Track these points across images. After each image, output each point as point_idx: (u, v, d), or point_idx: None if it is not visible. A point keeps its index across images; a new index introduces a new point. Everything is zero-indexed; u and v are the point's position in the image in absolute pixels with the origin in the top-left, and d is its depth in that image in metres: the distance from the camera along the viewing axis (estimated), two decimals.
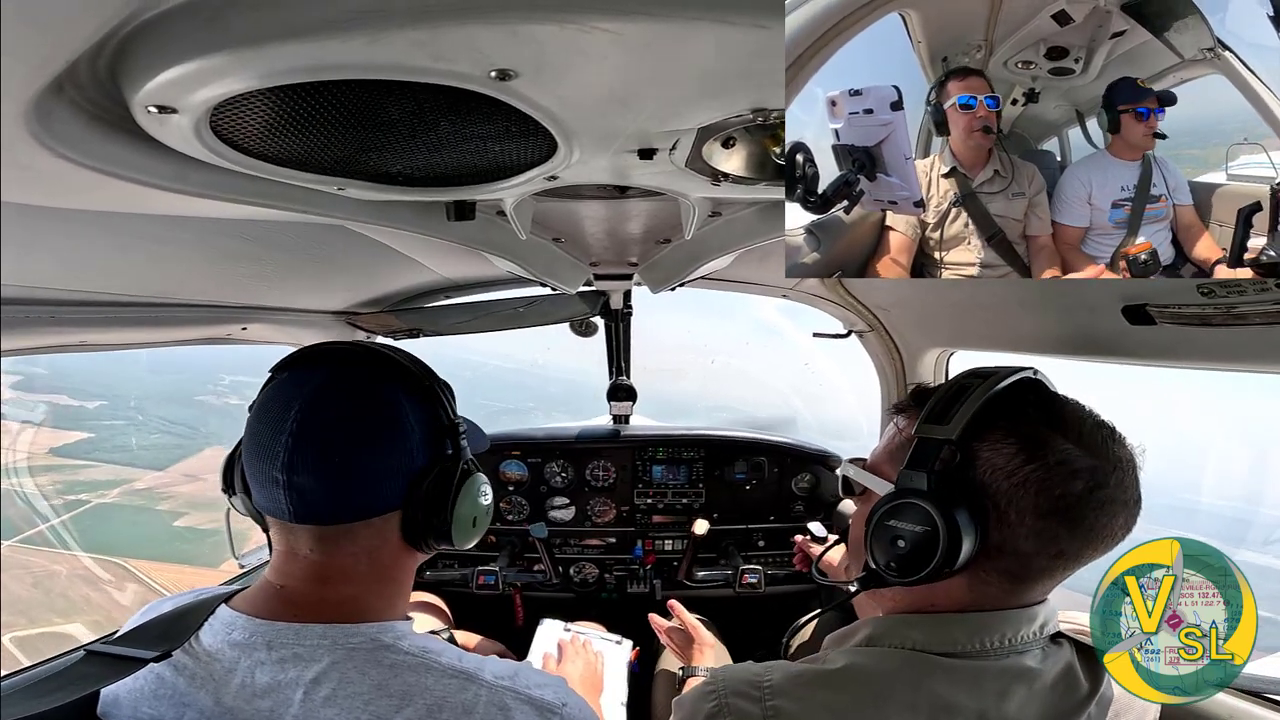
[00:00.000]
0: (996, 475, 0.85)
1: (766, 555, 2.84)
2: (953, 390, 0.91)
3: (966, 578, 0.89)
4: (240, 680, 0.86)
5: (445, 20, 0.54)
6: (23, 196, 0.81)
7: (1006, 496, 0.85)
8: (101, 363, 47.40)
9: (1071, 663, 0.92)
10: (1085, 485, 0.82)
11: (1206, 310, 1.04)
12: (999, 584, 0.89)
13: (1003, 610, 0.90)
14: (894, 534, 0.89)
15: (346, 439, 0.90)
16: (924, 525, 0.86)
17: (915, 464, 0.90)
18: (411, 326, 2.38)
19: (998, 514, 0.85)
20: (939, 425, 0.89)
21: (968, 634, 0.89)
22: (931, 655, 0.88)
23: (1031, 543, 0.85)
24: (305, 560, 0.92)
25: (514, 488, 2.87)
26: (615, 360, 2.96)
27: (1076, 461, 0.83)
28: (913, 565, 0.87)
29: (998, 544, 0.86)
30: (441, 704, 0.86)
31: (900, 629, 0.93)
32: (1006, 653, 0.89)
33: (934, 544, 0.85)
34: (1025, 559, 0.86)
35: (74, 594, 16.49)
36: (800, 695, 0.87)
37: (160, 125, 0.68)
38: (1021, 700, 0.86)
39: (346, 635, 0.89)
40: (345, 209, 1.09)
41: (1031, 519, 0.84)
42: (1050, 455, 0.84)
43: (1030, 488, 0.83)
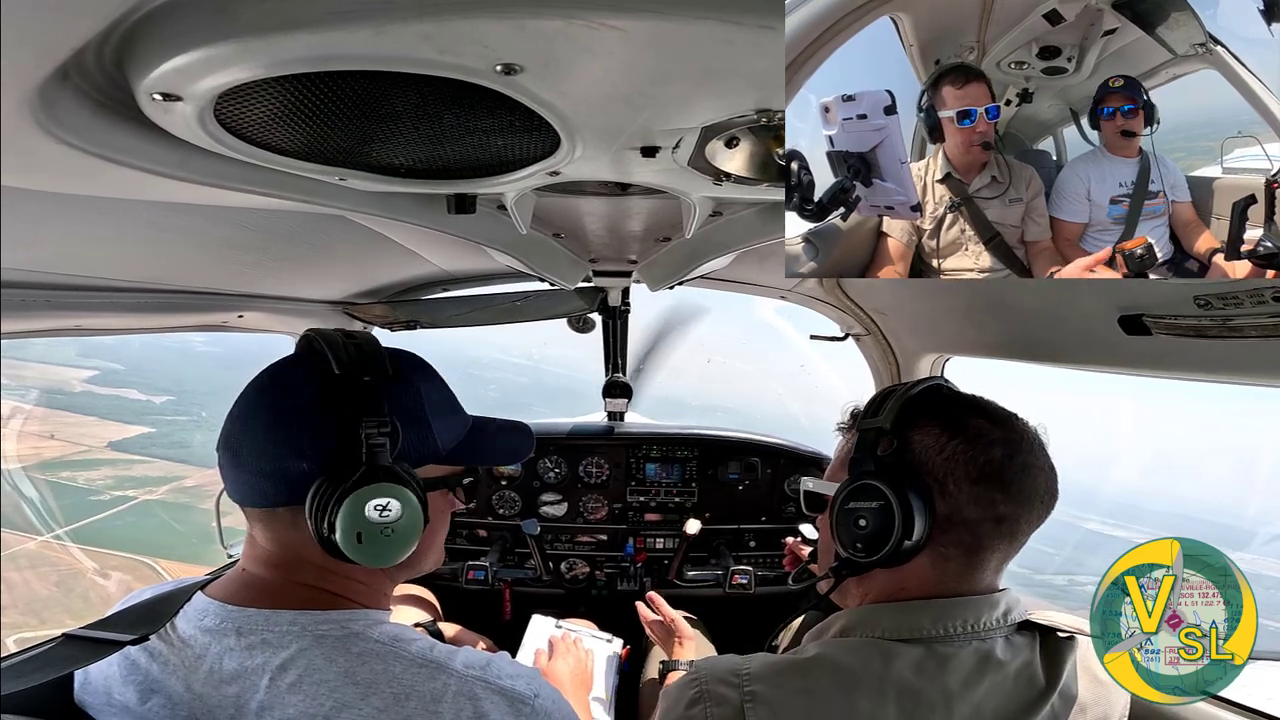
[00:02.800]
0: (929, 453, 0.99)
1: (757, 556, 2.85)
2: (882, 395, 1.08)
3: (929, 557, 1.00)
4: (209, 666, 0.87)
5: (452, 13, 0.54)
6: (26, 182, 0.81)
7: (942, 469, 0.98)
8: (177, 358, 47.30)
9: (1033, 654, 0.99)
10: (1003, 452, 0.97)
11: (1202, 322, 1.05)
12: (958, 559, 1.00)
13: (965, 595, 1.00)
14: (855, 516, 1.01)
15: (247, 424, 0.93)
16: (879, 500, 0.98)
17: (860, 452, 1.04)
18: (408, 318, 2.37)
19: (939, 487, 0.98)
20: (874, 418, 1.04)
21: (932, 619, 0.97)
22: (898, 643, 0.96)
23: (974, 509, 0.97)
24: (259, 546, 0.95)
25: (506, 482, 2.87)
26: (612, 357, 2.96)
27: (991, 433, 0.98)
28: (878, 542, 0.98)
29: (946, 515, 0.98)
30: (408, 693, 0.86)
31: (870, 618, 1.02)
32: (969, 638, 0.97)
33: (890, 517, 0.96)
34: (973, 526, 0.98)
35: (95, 595, 16.48)
36: (776, 682, 0.94)
37: (165, 113, 0.68)
38: (985, 688, 0.93)
39: (316, 622, 0.89)
40: (346, 199, 1.09)
41: (968, 486, 0.97)
42: (969, 430, 0.99)
43: (959, 459, 0.97)
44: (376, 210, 1.17)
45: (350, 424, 0.90)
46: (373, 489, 0.88)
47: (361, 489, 0.88)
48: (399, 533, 0.91)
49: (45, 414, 32.46)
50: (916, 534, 0.96)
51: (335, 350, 0.93)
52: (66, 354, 43.85)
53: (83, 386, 41.07)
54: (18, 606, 15.69)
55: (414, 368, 1.03)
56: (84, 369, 43.49)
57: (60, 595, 16.61)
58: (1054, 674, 0.98)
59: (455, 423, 1.07)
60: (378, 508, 0.89)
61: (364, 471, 0.89)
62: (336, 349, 0.93)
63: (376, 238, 1.60)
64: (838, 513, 1.04)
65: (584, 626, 2.35)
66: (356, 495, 0.87)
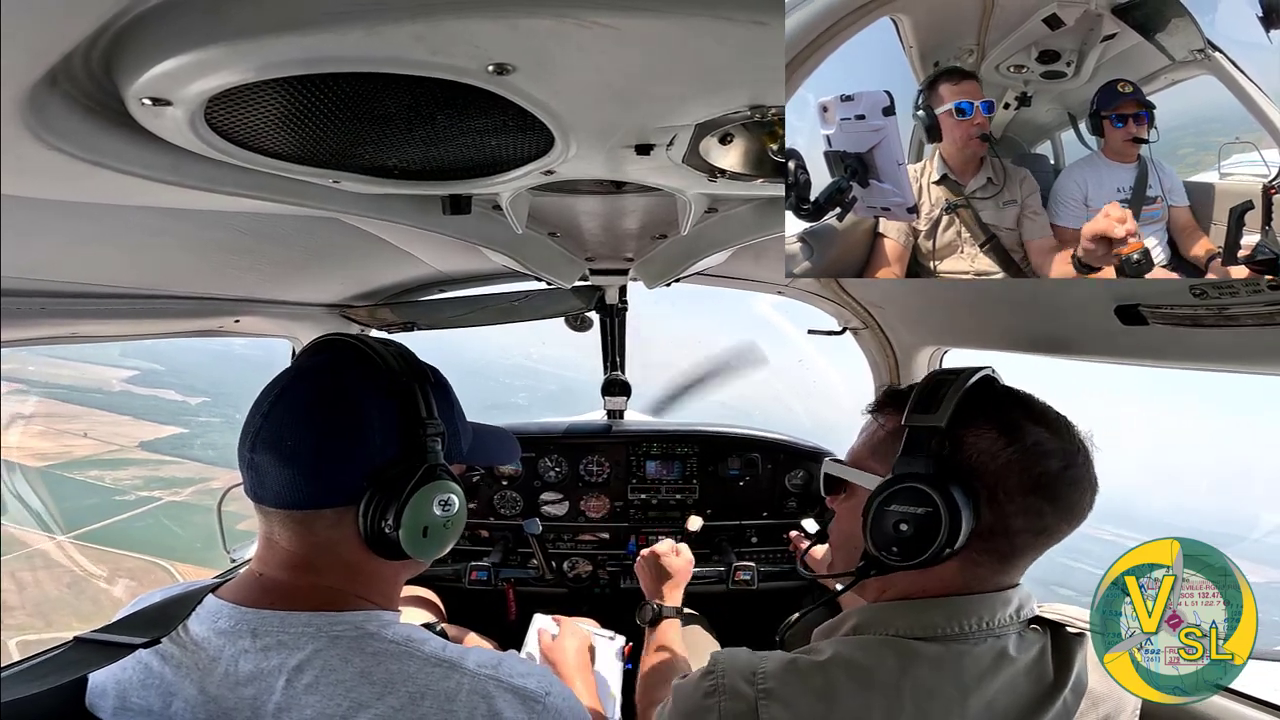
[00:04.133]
0: (983, 458, 0.94)
1: (759, 552, 2.85)
2: (931, 385, 1.01)
3: (960, 561, 0.96)
4: (224, 669, 0.87)
5: (444, 14, 0.54)
6: (16, 189, 0.81)
7: (994, 476, 0.93)
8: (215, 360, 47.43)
9: (1045, 649, 0.98)
10: (1059, 464, 0.93)
11: (1199, 311, 1.05)
12: (989, 564, 0.97)
13: (982, 594, 0.98)
14: (896, 519, 0.95)
15: (300, 424, 0.92)
16: (925, 507, 0.92)
17: (910, 451, 0.97)
18: (405, 320, 2.37)
19: (988, 494, 0.94)
20: (928, 414, 0.97)
21: (946, 617, 0.96)
22: (913, 640, 0.95)
23: (1020, 520, 0.94)
24: (280, 549, 0.94)
25: (507, 482, 2.87)
26: (610, 355, 2.96)
27: (1048, 444, 0.94)
28: (916, 548, 0.93)
29: (989, 524, 0.94)
30: (424, 692, 0.87)
31: (884, 616, 1.00)
32: (984, 636, 0.95)
33: (936, 524, 0.91)
34: (1014, 537, 0.95)
35: (105, 599, 16.49)
36: (791, 681, 0.94)
37: (155, 118, 0.68)
38: (999, 685, 0.92)
39: (330, 623, 0.89)
40: (340, 202, 1.08)
41: (1019, 496, 0.93)
42: (1026, 438, 0.94)
43: (1014, 468, 0.93)
44: (371, 212, 1.17)
45: (408, 426, 0.95)
46: (437, 486, 0.95)
47: (427, 486, 0.94)
48: (453, 526, 1.00)
49: (81, 412, 32.49)
50: (959, 542, 0.93)
51: (382, 356, 0.97)
52: (109, 353, 44.38)
53: (121, 386, 41.06)
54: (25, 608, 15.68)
55: (439, 373, 1.07)
56: (124, 369, 43.53)
57: (71, 597, 16.60)
58: (1065, 668, 0.97)
59: (467, 425, 1.13)
60: (441, 503, 0.96)
61: (426, 469, 0.94)
62: (384, 355, 0.97)
63: (371, 240, 1.60)
64: (875, 511, 0.98)
65: (586, 624, 2.35)
66: (424, 492, 0.93)
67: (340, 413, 0.92)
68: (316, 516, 0.92)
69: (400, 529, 0.91)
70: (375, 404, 0.94)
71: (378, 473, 0.92)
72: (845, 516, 1.11)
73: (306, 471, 0.91)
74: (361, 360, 0.97)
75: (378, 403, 0.94)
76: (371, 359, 0.96)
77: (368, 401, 0.93)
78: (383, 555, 0.94)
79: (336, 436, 0.91)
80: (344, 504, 0.92)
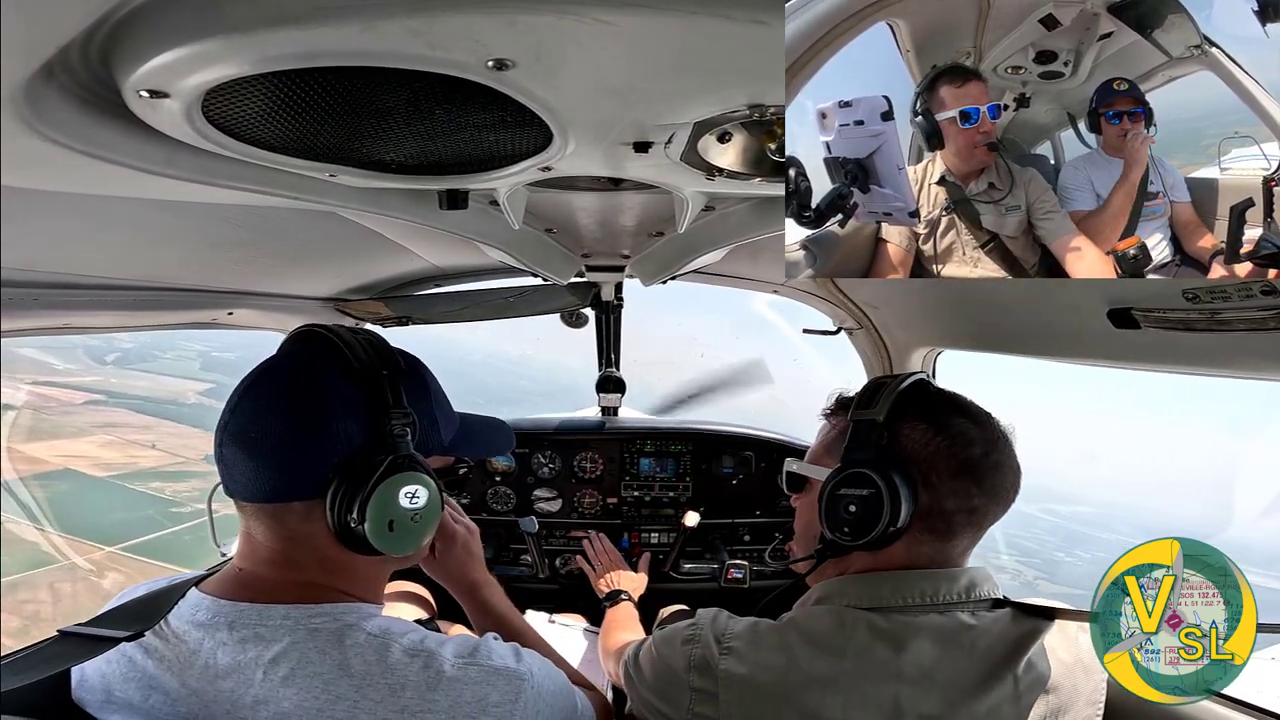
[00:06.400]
0: (916, 447, 1.07)
1: (752, 550, 2.85)
2: (873, 387, 1.15)
3: (905, 541, 1.08)
4: (204, 661, 0.87)
5: (442, 9, 0.54)
6: (11, 180, 0.80)
7: (926, 462, 1.06)
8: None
9: (998, 630, 1.05)
10: (981, 450, 1.06)
11: (1191, 315, 1.05)
12: (930, 543, 1.09)
13: (927, 569, 1.09)
14: (846, 501, 1.08)
15: (264, 415, 0.91)
16: (869, 489, 1.05)
17: (855, 442, 1.11)
18: (400, 314, 2.36)
19: (923, 478, 1.06)
20: (868, 410, 1.11)
21: (893, 590, 1.07)
22: (861, 610, 1.06)
23: (952, 500, 1.06)
24: (257, 543, 0.94)
25: (500, 479, 2.87)
26: (605, 352, 2.95)
27: (971, 433, 1.07)
28: (865, 527, 1.06)
29: (927, 505, 1.06)
30: (404, 683, 0.86)
31: (840, 588, 1.12)
32: (928, 610, 1.06)
33: (880, 505, 1.04)
34: (948, 516, 1.07)
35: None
36: (752, 639, 1.07)
37: (152, 110, 0.67)
38: (938, 655, 1.01)
39: (309, 616, 0.89)
40: (337, 195, 1.08)
41: (949, 480, 1.05)
42: (952, 428, 1.07)
43: (942, 454, 1.06)
44: (367, 206, 1.17)
45: (376, 416, 0.92)
46: (404, 477, 0.91)
47: (393, 477, 0.90)
48: (424, 520, 0.95)
49: (153, 423, 32.77)
50: (901, 520, 1.04)
51: (350, 344, 0.94)
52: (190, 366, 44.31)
53: (196, 399, 40.95)
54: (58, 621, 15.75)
55: (416, 362, 1.05)
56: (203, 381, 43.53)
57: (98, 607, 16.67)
58: (1019, 651, 1.03)
59: (452, 416, 1.11)
60: (409, 495, 0.92)
61: (392, 461, 0.91)
62: (352, 343, 0.94)
63: (368, 234, 1.59)
64: (827, 497, 1.10)
65: (577, 621, 2.35)
66: (389, 484, 0.90)
67: (304, 403, 0.91)
68: (286, 510, 0.91)
69: (365, 522, 0.88)
70: (340, 393, 0.91)
71: (344, 464, 0.90)
72: (805, 509, 1.24)
73: (271, 463, 0.90)
74: (330, 350, 0.94)
75: (343, 392, 0.91)
76: (340, 349, 0.94)
77: (332, 392, 0.91)
78: (352, 549, 0.92)
79: (300, 427, 0.90)
80: (313, 496, 0.90)
